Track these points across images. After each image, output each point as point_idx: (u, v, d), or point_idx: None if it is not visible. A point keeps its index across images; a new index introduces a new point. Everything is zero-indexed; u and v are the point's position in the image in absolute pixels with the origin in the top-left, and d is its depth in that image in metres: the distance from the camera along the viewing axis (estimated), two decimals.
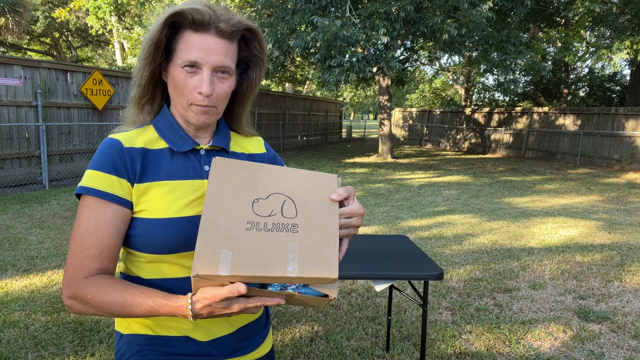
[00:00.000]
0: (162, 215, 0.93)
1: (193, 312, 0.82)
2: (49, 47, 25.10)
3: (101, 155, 0.94)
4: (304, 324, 3.14)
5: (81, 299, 0.88)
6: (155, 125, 1.02)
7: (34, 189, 7.97)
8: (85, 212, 0.91)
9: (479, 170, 12.82)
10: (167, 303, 0.84)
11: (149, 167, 0.96)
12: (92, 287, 0.88)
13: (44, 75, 8.38)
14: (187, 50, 0.92)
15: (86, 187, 0.92)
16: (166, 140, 0.99)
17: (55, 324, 3.04)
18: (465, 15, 10.87)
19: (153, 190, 0.95)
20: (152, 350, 0.99)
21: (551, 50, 20.35)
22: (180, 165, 0.99)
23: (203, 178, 1.00)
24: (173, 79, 0.95)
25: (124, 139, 0.97)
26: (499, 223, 6.27)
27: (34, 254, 4.45)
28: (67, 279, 0.90)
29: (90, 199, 0.92)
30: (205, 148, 1.03)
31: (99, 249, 0.90)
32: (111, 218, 0.91)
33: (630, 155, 13.47)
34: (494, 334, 3.06)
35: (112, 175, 0.92)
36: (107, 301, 0.87)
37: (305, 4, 11.58)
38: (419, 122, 23.30)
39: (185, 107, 0.96)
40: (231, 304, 0.80)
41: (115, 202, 0.92)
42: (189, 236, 0.94)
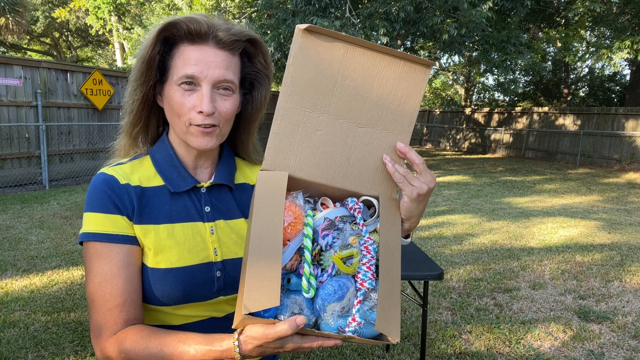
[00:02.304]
0: (161, 264, 0.85)
1: (241, 354, 0.72)
2: (49, 47, 25.10)
3: (97, 194, 0.85)
4: None
5: (115, 358, 0.80)
6: (152, 157, 0.92)
7: (34, 189, 7.97)
8: (96, 261, 0.82)
9: (479, 170, 12.82)
10: (211, 349, 0.74)
11: (147, 208, 0.87)
12: (125, 345, 0.79)
13: (44, 75, 8.38)
14: (183, 65, 0.82)
15: (91, 232, 0.83)
16: (163, 178, 0.90)
17: (55, 324, 3.04)
18: (465, 15, 10.88)
19: (150, 234, 0.86)
20: None
21: (551, 50, 20.36)
22: (180, 206, 0.89)
23: (204, 221, 0.90)
24: (169, 100, 0.84)
25: (119, 175, 0.87)
26: (499, 223, 6.27)
27: (34, 254, 4.45)
28: (95, 337, 0.82)
29: (97, 245, 0.83)
30: (206, 186, 0.93)
31: (122, 297, 0.81)
32: (127, 259, 0.83)
33: (630, 155, 13.47)
34: (494, 334, 3.06)
35: (115, 214, 0.84)
36: (143, 356, 0.78)
37: (305, 5, 11.59)
38: (419, 122, 23.30)
39: (184, 131, 0.85)
40: (285, 342, 0.69)
41: (126, 242, 0.84)
42: (190, 288, 0.86)
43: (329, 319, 0.74)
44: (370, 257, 0.77)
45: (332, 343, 0.72)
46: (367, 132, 0.80)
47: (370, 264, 0.77)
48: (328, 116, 0.78)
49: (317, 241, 0.77)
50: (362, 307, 0.75)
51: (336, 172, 0.80)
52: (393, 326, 0.74)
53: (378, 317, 0.73)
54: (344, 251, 0.76)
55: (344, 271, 0.76)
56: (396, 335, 0.73)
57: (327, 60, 0.76)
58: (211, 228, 0.90)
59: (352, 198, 0.82)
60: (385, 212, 0.82)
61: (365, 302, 0.76)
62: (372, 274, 0.76)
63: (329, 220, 0.78)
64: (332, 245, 0.76)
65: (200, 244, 0.88)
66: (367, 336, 0.75)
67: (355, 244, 0.77)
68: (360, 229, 0.79)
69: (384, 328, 0.73)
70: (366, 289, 0.76)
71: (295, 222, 0.78)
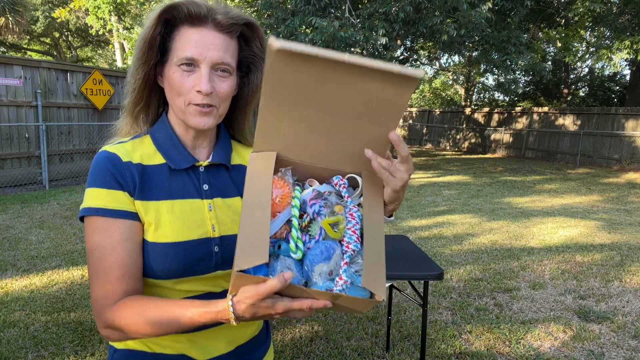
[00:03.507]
0: (162, 239, 0.87)
1: (235, 315, 0.76)
2: (49, 47, 25.10)
3: (100, 170, 0.87)
4: (304, 324, 3.14)
5: (117, 328, 0.83)
6: (152, 136, 0.95)
7: (34, 189, 7.97)
8: (97, 235, 0.85)
9: (478, 170, 12.82)
10: (207, 310, 0.78)
11: (148, 184, 0.90)
12: (124, 312, 0.82)
13: (44, 75, 8.38)
14: (183, 47, 0.85)
15: (92, 207, 0.85)
16: (164, 156, 0.93)
17: (55, 324, 3.04)
18: (465, 16, 10.88)
19: (151, 209, 0.88)
20: None
21: (551, 51, 20.36)
22: (179, 183, 0.93)
23: (202, 198, 0.93)
24: (169, 80, 0.88)
25: (121, 153, 0.90)
26: (499, 223, 6.27)
27: (34, 254, 4.45)
28: (96, 310, 0.85)
29: (99, 220, 0.85)
30: (204, 165, 0.96)
31: (121, 270, 0.84)
32: (127, 234, 0.86)
33: (630, 155, 13.48)
34: (494, 334, 3.06)
35: (117, 190, 0.86)
36: (143, 324, 0.81)
37: (304, 5, 11.59)
38: (419, 122, 23.30)
39: (182, 110, 0.89)
40: (276, 302, 0.73)
41: (126, 217, 0.86)
42: (190, 262, 0.89)
43: (318, 280, 0.77)
44: (355, 223, 0.81)
45: (321, 304, 0.74)
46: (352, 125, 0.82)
47: (355, 228, 0.81)
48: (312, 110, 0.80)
49: (306, 211, 0.82)
50: (348, 268, 0.79)
51: (322, 155, 0.85)
52: (379, 284, 0.78)
53: (364, 274, 0.77)
54: (331, 217, 0.80)
55: (332, 236, 0.80)
56: (382, 293, 0.77)
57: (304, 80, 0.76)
58: (209, 205, 0.94)
59: (337, 175, 0.87)
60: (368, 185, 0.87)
61: (351, 265, 0.80)
62: (357, 237, 0.80)
63: (317, 191, 0.84)
64: (319, 213, 0.80)
65: (199, 220, 0.92)
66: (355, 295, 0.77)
67: (340, 212, 0.82)
68: (346, 200, 0.84)
69: (370, 285, 0.77)
70: (352, 252, 0.80)
71: (284, 196, 0.82)
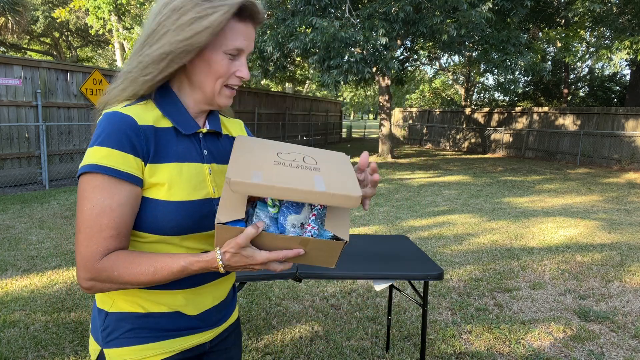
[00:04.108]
0: (174, 197, 0.93)
1: (223, 262, 0.87)
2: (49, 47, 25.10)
3: (115, 131, 0.88)
4: (304, 324, 3.14)
5: (105, 278, 0.88)
6: (156, 102, 0.98)
7: (34, 189, 7.97)
8: (98, 193, 0.87)
9: (478, 170, 12.82)
10: (198, 259, 0.88)
11: (159, 147, 0.94)
12: (117, 262, 0.88)
13: (44, 75, 8.38)
14: (234, 37, 0.93)
15: (101, 165, 0.86)
16: (172, 120, 0.98)
17: (55, 324, 3.04)
18: (465, 15, 10.87)
19: (163, 171, 0.93)
20: (145, 329, 0.98)
21: (551, 51, 20.36)
22: (185, 147, 0.99)
23: (203, 162, 1.01)
24: (211, 64, 0.94)
25: (135, 116, 0.92)
26: (499, 223, 6.27)
27: (34, 254, 4.45)
28: (84, 261, 0.87)
29: (103, 178, 0.87)
30: (204, 132, 1.05)
31: (117, 230, 0.88)
32: (127, 198, 0.89)
33: (630, 155, 13.47)
34: (494, 334, 3.06)
35: (129, 154, 0.89)
36: (136, 272, 0.87)
37: (304, 5, 11.58)
38: (419, 122, 23.30)
39: (217, 91, 0.98)
40: (255, 253, 0.85)
41: (131, 181, 0.89)
42: (197, 219, 0.96)
43: (290, 229, 0.89)
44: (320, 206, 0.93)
45: (294, 252, 0.87)
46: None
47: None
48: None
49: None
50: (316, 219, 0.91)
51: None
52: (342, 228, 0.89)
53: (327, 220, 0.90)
54: None
55: None
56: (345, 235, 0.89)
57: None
58: (209, 169, 1.02)
59: None
60: None
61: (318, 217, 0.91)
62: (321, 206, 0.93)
63: None
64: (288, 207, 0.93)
65: (203, 182, 0.99)
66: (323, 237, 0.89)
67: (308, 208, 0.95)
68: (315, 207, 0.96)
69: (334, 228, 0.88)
70: (319, 206, 0.92)
71: None
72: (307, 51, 11.78)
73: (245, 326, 3.09)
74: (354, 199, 0.84)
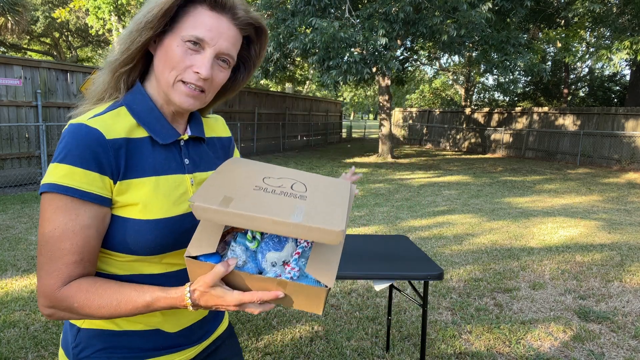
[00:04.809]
0: (150, 216, 0.85)
1: (192, 301, 0.79)
2: (49, 47, 25.10)
3: (79, 147, 0.80)
4: (304, 324, 3.14)
5: (65, 308, 0.81)
6: (129, 107, 0.89)
7: (34, 189, 7.97)
8: (60, 214, 0.80)
9: (478, 170, 12.82)
10: (166, 295, 0.81)
11: (132, 161, 0.86)
12: (78, 293, 0.81)
13: (44, 75, 8.38)
14: (195, 25, 0.85)
15: (62, 185, 0.79)
16: (147, 129, 0.89)
17: (55, 324, 3.04)
18: (465, 16, 10.88)
19: (137, 187, 0.86)
20: (118, 348, 0.91)
21: (551, 51, 20.36)
22: (162, 158, 0.90)
23: (184, 172, 0.93)
24: (167, 51, 0.85)
25: (103, 129, 0.83)
26: (499, 223, 6.27)
27: (34, 254, 4.45)
28: (44, 288, 0.81)
29: (65, 199, 0.79)
30: (185, 139, 0.96)
31: (79, 255, 0.81)
32: (92, 220, 0.82)
33: (630, 155, 13.48)
34: (494, 334, 3.06)
35: (94, 172, 0.81)
36: (97, 305, 0.81)
37: (304, 5, 11.58)
38: (419, 122, 23.30)
39: (170, 85, 0.87)
40: (226, 294, 0.77)
41: (96, 202, 0.81)
42: (177, 236, 0.89)
43: (269, 268, 0.79)
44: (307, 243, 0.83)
45: (272, 295, 0.77)
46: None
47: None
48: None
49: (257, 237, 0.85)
50: (300, 258, 0.80)
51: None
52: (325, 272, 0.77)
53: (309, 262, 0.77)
54: None
55: None
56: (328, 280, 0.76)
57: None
58: (191, 179, 0.94)
59: None
60: None
61: (302, 257, 0.81)
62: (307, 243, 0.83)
63: None
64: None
65: (183, 195, 0.91)
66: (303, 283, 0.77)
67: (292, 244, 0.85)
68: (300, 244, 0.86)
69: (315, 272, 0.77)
70: (305, 244, 0.81)
71: None
72: (306, 51, 11.78)
73: (245, 326, 3.09)
74: (334, 234, 0.72)
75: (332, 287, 0.77)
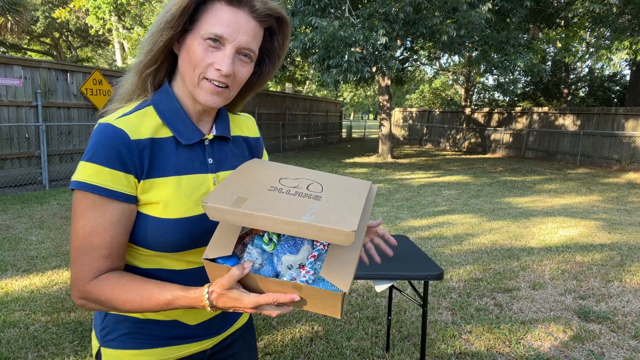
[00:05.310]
0: (171, 215, 0.88)
1: (210, 302, 0.81)
2: (49, 47, 25.10)
3: (105, 147, 0.84)
4: (304, 324, 3.14)
5: (94, 300, 0.86)
6: (156, 107, 0.92)
7: (34, 189, 7.97)
8: (90, 211, 0.84)
9: (478, 170, 12.82)
10: (186, 295, 0.83)
11: (155, 160, 0.89)
12: (106, 287, 0.85)
13: (44, 75, 8.38)
14: (214, 22, 0.85)
15: (90, 184, 0.83)
16: (172, 130, 0.92)
17: (55, 324, 3.04)
18: (464, 16, 10.87)
19: (160, 186, 0.89)
20: (141, 334, 0.96)
21: (551, 51, 20.36)
22: (186, 158, 0.93)
23: (207, 172, 0.95)
24: (189, 50, 0.86)
25: (128, 130, 0.86)
26: (499, 223, 6.27)
27: (34, 254, 4.45)
28: (76, 280, 0.86)
29: (93, 197, 0.84)
30: (209, 138, 0.98)
31: (108, 250, 0.86)
32: (119, 217, 0.86)
33: (630, 155, 13.48)
34: (494, 334, 3.06)
35: (119, 171, 0.84)
36: (122, 300, 0.85)
37: (304, 5, 11.58)
38: (419, 122, 23.30)
39: (195, 83, 0.88)
40: (242, 297, 0.78)
41: (122, 200, 0.86)
42: (196, 235, 0.91)
43: (284, 271, 0.79)
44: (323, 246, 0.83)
45: (287, 298, 0.77)
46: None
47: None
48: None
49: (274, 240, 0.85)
50: (316, 261, 0.80)
51: None
52: (341, 276, 0.76)
53: (324, 265, 0.77)
54: None
55: None
56: (345, 285, 0.75)
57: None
58: (214, 179, 0.96)
59: None
60: None
61: (319, 259, 0.80)
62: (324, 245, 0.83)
63: None
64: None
65: (205, 194, 0.93)
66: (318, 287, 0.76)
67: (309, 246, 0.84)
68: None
69: (330, 275, 0.75)
70: (322, 247, 0.81)
71: None
72: (306, 51, 11.78)
73: None
74: (344, 235, 0.70)
75: (348, 291, 0.75)
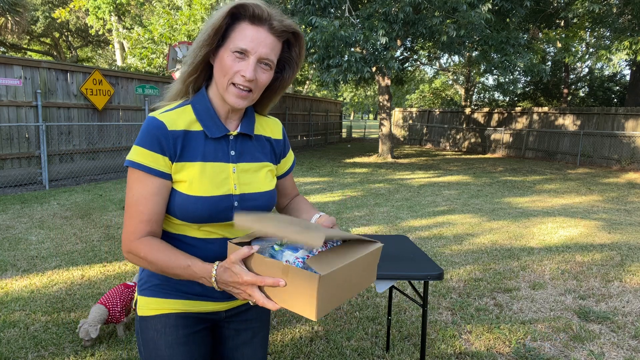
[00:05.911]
0: (194, 192, 1.11)
1: (216, 274, 1.01)
2: (49, 47, 25.09)
3: (148, 134, 1.09)
4: (304, 324, 3.14)
5: (136, 254, 1.10)
6: (193, 106, 1.16)
7: (34, 189, 7.97)
8: (136, 184, 1.09)
9: (478, 170, 12.82)
10: (200, 264, 1.04)
11: (187, 148, 1.12)
12: (144, 247, 1.08)
13: (44, 75, 8.38)
14: (240, 38, 1.07)
15: (135, 162, 1.09)
16: (202, 125, 1.15)
17: (55, 324, 3.04)
18: (464, 16, 10.87)
19: (188, 168, 1.12)
20: (168, 287, 1.20)
21: (551, 51, 20.35)
22: (212, 149, 1.15)
23: (228, 162, 1.17)
24: (221, 61, 1.09)
25: (167, 122, 1.11)
26: (499, 223, 6.27)
27: (34, 254, 4.45)
28: (125, 238, 1.11)
29: (138, 173, 1.09)
30: (233, 134, 1.19)
31: (148, 216, 1.10)
32: (158, 189, 1.10)
33: (630, 155, 13.48)
34: (494, 334, 3.06)
35: (157, 153, 1.09)
36: (155, 258, 1.07)
37: (304, 5, 11.58)
38: (419, 122, 23.30)
39: (225, 88, 1.10)
40: (242, 272, 0.97)
41: (159, 176, 1.10)
42: (213, 212, 1.12)
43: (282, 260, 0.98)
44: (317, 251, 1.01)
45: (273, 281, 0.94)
46: None
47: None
48: None
49: None
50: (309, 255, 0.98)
51: None
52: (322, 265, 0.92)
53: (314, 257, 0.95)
54: None
55: None
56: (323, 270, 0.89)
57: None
58: (233, 168, 1.18)
59: None
60: None
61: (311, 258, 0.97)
62: None
63: None
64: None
65: (225, 180, 1.15)
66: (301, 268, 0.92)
67: None
68: None
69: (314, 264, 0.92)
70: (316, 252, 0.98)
71: None
72: (306, 50, 11.77)
73: None
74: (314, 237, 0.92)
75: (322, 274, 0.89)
